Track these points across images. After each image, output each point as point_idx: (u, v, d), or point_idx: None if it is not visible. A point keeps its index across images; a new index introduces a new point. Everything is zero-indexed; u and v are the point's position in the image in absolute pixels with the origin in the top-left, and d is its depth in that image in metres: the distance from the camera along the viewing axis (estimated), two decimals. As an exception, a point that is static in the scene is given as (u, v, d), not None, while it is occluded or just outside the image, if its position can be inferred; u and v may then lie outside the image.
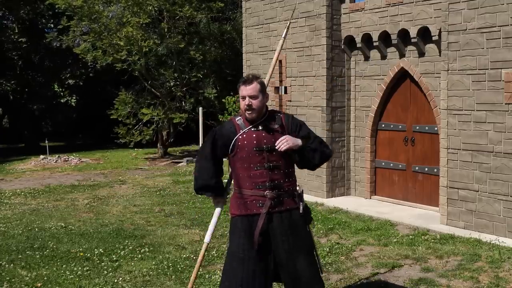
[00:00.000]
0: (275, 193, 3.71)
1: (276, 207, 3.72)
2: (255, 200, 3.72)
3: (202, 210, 9.01)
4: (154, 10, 16.69)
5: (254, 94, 3.68)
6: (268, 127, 3.74)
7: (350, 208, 8.88)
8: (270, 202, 3.70)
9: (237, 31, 18.83)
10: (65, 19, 16.83)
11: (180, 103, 17.71)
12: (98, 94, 24.96)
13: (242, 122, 3.77)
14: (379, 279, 5.49)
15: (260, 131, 3.73)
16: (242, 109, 3.74)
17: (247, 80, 3.72)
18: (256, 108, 3.70)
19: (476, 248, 6.48)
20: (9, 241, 7.13)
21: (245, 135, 3.72)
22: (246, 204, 3.73)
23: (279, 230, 3.73)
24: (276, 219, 3.73)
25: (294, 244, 3.73)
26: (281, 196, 3.73)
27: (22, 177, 13.91)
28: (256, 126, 3.75)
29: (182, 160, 16.47)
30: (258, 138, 3.72)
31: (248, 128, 3.75)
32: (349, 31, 9.66)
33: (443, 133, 7.79)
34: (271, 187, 3.70)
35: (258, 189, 3.70)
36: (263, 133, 3.73)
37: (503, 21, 6.97)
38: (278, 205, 3.73)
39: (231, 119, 3.85)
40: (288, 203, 3.76)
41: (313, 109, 9.92)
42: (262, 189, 3.70)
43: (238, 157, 3.74)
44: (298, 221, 3.77)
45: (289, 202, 3.77)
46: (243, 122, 3.77)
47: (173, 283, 5.46)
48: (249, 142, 3.71)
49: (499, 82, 7.06)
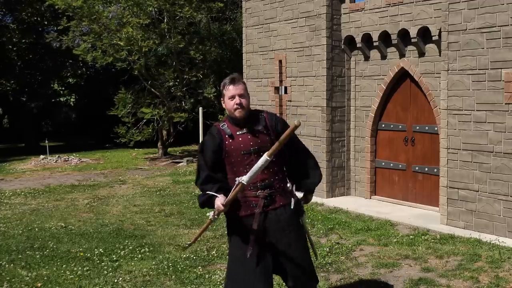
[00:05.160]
0: (267, 192, 3.77)
1: (270, 205, 3.79)
2: (247, 201, 3.77)
3: (202, 210, 8.99)
4: (154, 11, 16.69)
5: (243, 93, 3.75)
6: (253, 129, 3.78)
7: (350, 208, 8.88)
8: (263, 201, 3.76)
9: (237, 31, 18.84)
10: (65, 20, 16.84)
11: (180, 103, 17.72)
12: (98, 94, 24.96)
13: (227, 127, 3.80)
14: (379, 279, 5.49)
15: (246, 134, 3.77)
16: (231, 109, 3.76)
17: (235, 80, 3.77)
18: (245, 106, 3.75)
19: (476, 248, 6.48)
20: (9, 241, 7.14)
21: (231, 140, 3.77)
22: (240, 206, 3.77)
23: (277, 226, 3.79)
24: (272, 216, 3.79)
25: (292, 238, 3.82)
26: (273, 194, 3.79)
27: (22, 177, 13.92)
28: (241, 129, 3.78)
29: (182, 160, 16.48)
30: (244, 141, 3.76)
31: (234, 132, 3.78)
32: (349, 31, 9.66)
33: (443, 133, 7.79)
34: (262, 187, 3.77)
35: (250, 190, 3.75)
36: (249, 135, 3.77)
37: (503, 21, 6.97)
38: (271, 203, 3.79)
39: (216, 126, 3.87)
40: (280, 200, 3.83)
41: (313, 109, 9.92)
42: (254, 190, 3.76)
43: (227, 162, 3.79)
44: (292, 215, 3.86)
45: (281, 199, 3.83)
46: (228, 127, 3.80)
47: (173, 283, 5.46)
48: (236, 146, 3.76)
49: (499, 82, 7.06)
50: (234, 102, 3.72)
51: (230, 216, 3.85)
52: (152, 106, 17.01)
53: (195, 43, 17.77)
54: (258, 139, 3.76)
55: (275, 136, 3.75)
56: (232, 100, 3.73)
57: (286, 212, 3.82)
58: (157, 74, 17.56)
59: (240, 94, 3.73)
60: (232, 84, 3.75)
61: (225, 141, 3.76)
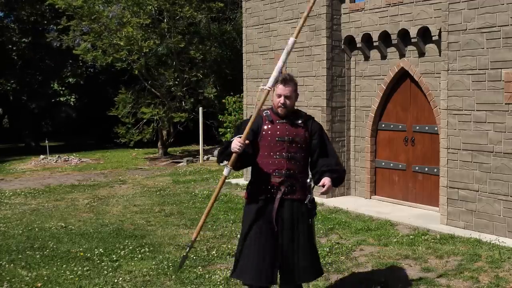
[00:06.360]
0: (290, 181, 4.02)
1: (289, 195, 4.03)
2: (270, 186, 4.02)
3: (202, 210, 9.01)
4: (154, 10, 16.69)
5: (290, 95, 4.06)
6: (292, 121, 4.10)
7: (350, 208, 8.88)
8: (284, 188, 4.01)
9: (237, 31, 18.86)
10: (65, 19, 16.84)
11: (180, 103, 17.72)
12: (98, 94, 24.95)
13: (269, 114, 4.13)
14: (379, 279, 5.49)
15: (285, 123, 4.09)
16: (275, 105, 4.09)
17: (286, 80, 4.05)
18: (288, 106, 4.08)
19: (476, 248, 6.48)
20: (9, 241, 7.14)
21: (270, 126, 4.08)
22: (262, 189, 4.03)
23: (286, 216, 4.02)
24: (287, 206, 4.03)
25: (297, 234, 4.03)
26: (294, 185, 4.04)
27: (22, 177, 13.92)
28: (281, 119, 4.09)
29: (182, 160, 16.48)
30: (282, 129, 4.07)
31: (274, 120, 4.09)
32: (349, 31, 9.66)
33: (443, 133, 7.79)
34: (287, 175, 4.02)
35: (275, 175, 4.01)
36: (287, 125, 4.08)
37: (503, 21, 6.97)
38: (290, 193, 4.04)
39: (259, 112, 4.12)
40: (299, 193, 4.06)
41: (313, 109, 9.92)
42: (278, 176, 4.01)
43: (261, 144, 4.06)
44: (304, 212, 4.06)
45: (300, 192, 4.06)
46: (270, 115, 4.12)
47: (173, 283, 5.46)
48: (273, 132, 4.06)
49: (499, 82, 7.06)
50: (279, 101, 4.06)
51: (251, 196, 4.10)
52: (152, 106, 17.02)
53: (195, 43, 17.78)
54: (294, 131, 4.08)
55: (309, 134, 4.12)
56: (279, 98, 4.06)
57: (301, 207, 4.04)
58: (157, 74, 17.57)
59: (287, 96, 4.04)
60: (282, 83, 4.04)
61: (264, 125, 4.08)
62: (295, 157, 4.04)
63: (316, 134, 4.15)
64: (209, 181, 12.13)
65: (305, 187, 4.06)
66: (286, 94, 4.04)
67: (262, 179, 4.04)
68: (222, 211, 8.73)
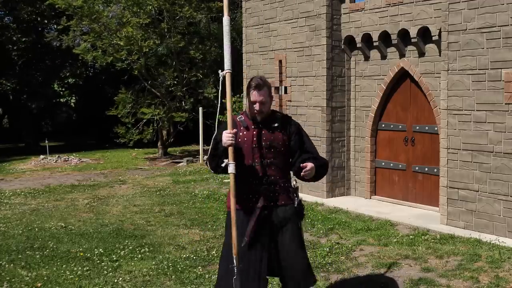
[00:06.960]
0: (271, 188, 3.85)
1: (272, 202, 3.85)
2: (251, 194, 3.84)
3: (202, 210, 9.02)
4: (154, 10, 16.69)
5: (265, 100, 3.87)
6: (269, 125, 3.91)
7: (350, 208, 8.88)
8: (265, 196, 3.83)
9: (237, 31, 18.84)
10: (65, 19, 16.84)
11: (180, 103, 17.71)
12: (98, 94, 24.95)
13: (244, 119, 3.95)
14: (379, 279, 5.48)
15: (261, 128, 3.90)
16: (251, 111, 3.91)
17: (260, 86, 3.87)
18: (264, 111, 3.90)
19: (476, 248, 6.48)
20: (9, 241, 7.13)
21: (245, 133, 3.89)
22: (242, 199, 3.82)
23: (273, 223, 3.85)
24: (272, 213, 3.85)
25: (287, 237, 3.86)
26: (276, 192, 3.86)
27: (22, 177, 13.91)
28: (257, 124, 3.90)
29: (182, 160, 16.47)
30: (258, 135, 3.88)
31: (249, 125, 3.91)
32: (349, 31, 9.66)
33: (443, 133, 7.79)
34: (267, 182, 3.84)
35: (255, 184, 3.83)
36: (263, 130, 3.89)
37: (503, 21, 6.97)
38: (273, 200, 3.86)
39: (233, 117, 3.95)
40: (283, 199, 3.89)
41: (313, 109, 9.92)
42: (259, 184, 3.84)
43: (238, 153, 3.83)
44: (291, 216, 3.89)
45: (284, 198, 3.89)
46: (244, 120, 3.94)
47: (173, 283, 5.46)
48: (248, 138, 3.88)
49: (499, 82, 7.06)
50: (255, 107, 3.87)
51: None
52: (152, 106, 17.02)
53: (195, 43, 17.77)
54: (272, 136, 3.89)
55: (287, 136, 3.93)
56: (254, 104, 3.88)
57: (286, 211, 3.87)
58: (157, 74, 17.56)
59: (262, 101, 3.85)
60: (256, 89, 3.86)
61: (239, 132, 3.88)
62: (275, 162, 3.84)
63: (293, 134, 3.97)
64: (209, 181, 12.13)
65: (289, 192, 3.91)
66: (261, 100, 3.85)
67: (241, 189, 3.78)
68: (222, 211, 8.72)
